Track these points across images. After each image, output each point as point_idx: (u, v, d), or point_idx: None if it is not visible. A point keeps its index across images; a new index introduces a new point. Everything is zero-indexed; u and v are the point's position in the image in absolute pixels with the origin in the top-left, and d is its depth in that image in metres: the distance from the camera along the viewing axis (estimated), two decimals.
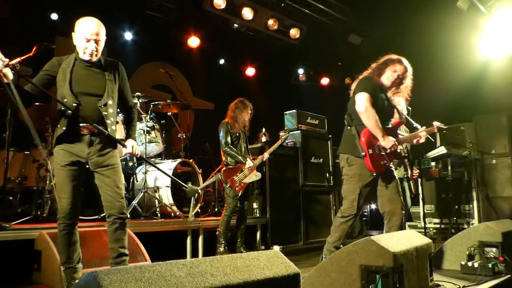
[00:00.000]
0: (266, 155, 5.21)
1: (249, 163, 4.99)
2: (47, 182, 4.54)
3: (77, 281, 2.99)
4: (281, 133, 5.63)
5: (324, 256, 3.71)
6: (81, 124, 2.94)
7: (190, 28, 8.11)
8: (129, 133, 3.30)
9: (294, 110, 6.77)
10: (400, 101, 3.93)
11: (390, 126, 3.73)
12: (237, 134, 5.05)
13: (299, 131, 6.62)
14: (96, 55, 3.03)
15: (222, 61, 9.20)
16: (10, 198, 4.65)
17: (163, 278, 1.42)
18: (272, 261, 1.69)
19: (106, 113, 3.00)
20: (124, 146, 3.16)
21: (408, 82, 3.69)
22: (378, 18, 8.33)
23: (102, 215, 4.54)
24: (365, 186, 3.57)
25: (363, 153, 3.49)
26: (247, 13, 7.78)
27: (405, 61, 3.67)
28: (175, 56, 8.15)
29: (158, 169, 3.30)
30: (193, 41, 8.19)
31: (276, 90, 9.45)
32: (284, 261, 1.72)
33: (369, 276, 2.28)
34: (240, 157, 4.95)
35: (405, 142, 3.78)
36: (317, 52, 9.46)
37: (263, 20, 8.09)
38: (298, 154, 6.53)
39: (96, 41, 2.99)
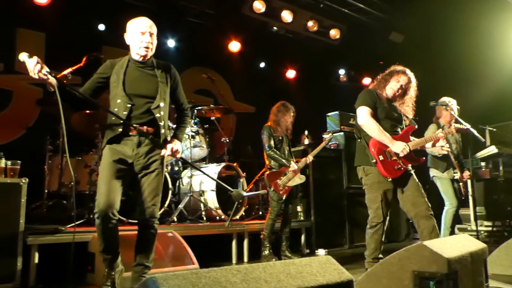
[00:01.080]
0: (310, 157, 5.18)
1: (293, 166, 4.97)
2: None
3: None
4: (325, 135, 5.59)
5: (367, 269, 3.66)
6: (131, 126, 2.91)
7: (230, 33, 8.20)
8: (176, 133, 3.19)
9: (336, 112, 6.71)
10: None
11: (399, 132, 3.73)
12: (280, 138, 5.06)
13: (342, 133, 6.56)
14: (151, 50, 3.04)
15: (262, 65, 9.23)
16: (64, 202, 4.86)
17: (218, 284, 1.44)
18: (325, 267, 1.69)
19: (158, 115, 2.98)
20: (164, 147, 3.02)
21: (412, 93, 3.73)
22: (420, 14, 8.10)
23: None
24: (385, 192, 3.59)
25: (374, 161, 3.57)
26: (287, 16, 7.79)
27: (409, 73, 3.74)
28: (216, 61, 8.26)
29: (206, 174, 3.34)
30: (234, 46, 8.27)
31: (317, 92, 9.39)
32: (336, 267, 1.71)
33: (422, 283, 2.23)
34: (284, 160, 4.95)
35: (419, 146, 3.71)
36: (358, 51, 9.31)
37: (302, 22, 8.06)
38: (342, 156, 6.46)
39: (151, 34, 3.03)
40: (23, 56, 2.60)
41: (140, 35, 3.00)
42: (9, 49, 6.14)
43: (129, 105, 2.91)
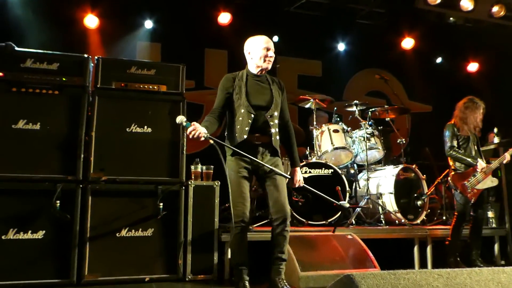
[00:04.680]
0: (507, 155, 4.62)
1: (480, 163, 4.49)
2: None
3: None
4: None
5: None
6: (254, 135, 3.23)
7: (402, 30, 7.88)
8: (293, 158, 3.50)
9: None
10: None
11: None
12: (466, 137, 4.62)
13: None
14: (271, 62, 3.35)
15: (439, 60, 8.59)
16: None
17: (419, 287, 1.40)
18: None
19: (272, 123, 3.29)
20: (287, 177, 3.35)
21: None
22: None
23: (329, 220, 4.76)
24: None
25: None
26: (466, 4, 7.08)
27: None
28: (388, 60, 7.99)
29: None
30: (407, 43, 7.93)
31: (506, 85, 8.32)
32: None
33: None
34: (469, 159, 4.52)
35: None
36: None
37: (485, 8, 7.22)
38: None
39: (272, 50, 3.34)
40: (180, 120, 3.08)
41: (265, 50, 3.32)
42: (199, 68, 7.00)
43: (252, 115, 3.24)
